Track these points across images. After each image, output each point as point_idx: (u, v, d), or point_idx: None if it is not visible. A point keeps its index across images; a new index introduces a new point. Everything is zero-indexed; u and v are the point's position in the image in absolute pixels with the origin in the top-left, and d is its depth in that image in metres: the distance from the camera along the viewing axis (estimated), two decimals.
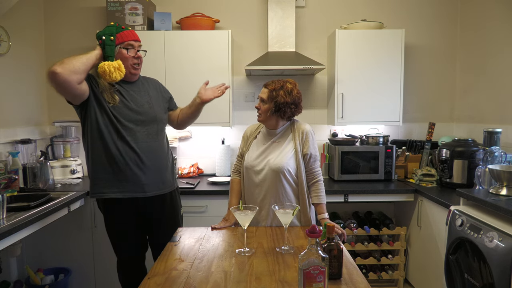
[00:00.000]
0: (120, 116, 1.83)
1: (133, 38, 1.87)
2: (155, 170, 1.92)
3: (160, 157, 1.96)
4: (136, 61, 1.88)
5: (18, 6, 2.69)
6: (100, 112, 1.81)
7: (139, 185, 1.87)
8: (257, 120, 1.89)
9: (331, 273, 1.24)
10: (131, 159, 1.83)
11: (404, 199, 2.70)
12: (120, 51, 1.83)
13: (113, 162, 1.82)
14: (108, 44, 1.80)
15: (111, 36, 1.81)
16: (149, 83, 2.04)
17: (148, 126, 1.90)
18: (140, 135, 1.87)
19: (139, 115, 1.88)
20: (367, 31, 2.87)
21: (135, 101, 1.89)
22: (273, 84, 1.81)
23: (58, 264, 2.67)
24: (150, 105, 1.93)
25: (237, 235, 1.72)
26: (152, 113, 1.93)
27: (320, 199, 1.81)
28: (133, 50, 1.86)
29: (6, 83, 2.60)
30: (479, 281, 1.75)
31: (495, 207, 1.77)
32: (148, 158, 1.88)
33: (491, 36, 2.78)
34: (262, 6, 3.12)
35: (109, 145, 1.82)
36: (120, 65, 1.78)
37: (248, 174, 1.87)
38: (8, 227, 1.75)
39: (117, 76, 1.77)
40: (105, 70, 1.74)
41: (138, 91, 1.93)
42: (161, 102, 2.03)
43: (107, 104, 1.81)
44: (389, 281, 2.83)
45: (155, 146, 1.93)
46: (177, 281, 1.25)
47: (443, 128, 3.22)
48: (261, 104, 1.84)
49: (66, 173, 2.88)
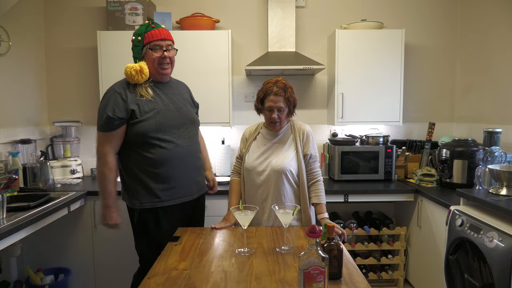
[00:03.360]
0: (163, 120, 1.78)
1: (160, 37, 1.79)
2: (197, 171, 1.92)
3: (200, 158, 1.96)
4: (162, 61, 1.81)
5: (18, 6, 2.69)
6: (137, 122, 1.74)
7: (187, 189, 1.85)
8: (275, 129, 1.85)
9: (331, 273, 1.24)
10: (177, 164, 1.80)
11: (404, 199, 2.70)
12: (147, 51, 1.79)
13: (159, 168, 1.77)
14: (135, 45, 1.80)
15: (139, 36, 1.79)
16: (181, 85, 2.02)
17: (189, 128, 1.88)
18: (182, 138, 1.84)
19: (179, 118, 1.84)
20: (367, 31, 2.87)
21: (174, 103, 1.86)
22: (280, 90, 1.77)
23: (58, 264, 2.67)
24: (186, 107, 1.92)
25: (237, 235, 1.71)
26: (190, 115, 1.91)
27: (320, 199, 1.81)
28: (160, 50, 1.79)
29: (6, 83, 2.60)
30: (479, 281, 1.75)
31: (495, 207, 1.77)
32: (192, 160, 1.87)
33: (491, 36, 2.78)
34: (262, 6, 3.12)
35: (152, 151, 1.76)
36: (142, 67, 1.74)
37: (249, 175, 1.86)
38: (8, 227, 1.75)
39: (139, 78, 1.75)
40: (127, 73, 1.74)
41: (174, 94, 1.90)
42: (192, 105, 2.02)
43: (145, 110, 1.75)
44: (389, 281, 2.83)
45: (197, 148, 1.93)
46: (177, 281, 1.25)
47: (443, 128, 3.22)
48: (279, 113, 1.78)
49: (66, 173, 2.88)
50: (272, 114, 1.78)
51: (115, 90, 1.76)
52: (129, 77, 1.75)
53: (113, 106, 1.72)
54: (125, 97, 1.74)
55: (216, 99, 2.83)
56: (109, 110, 1.71)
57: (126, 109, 1.73)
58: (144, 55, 1.81)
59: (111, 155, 1.76)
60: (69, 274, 2.62)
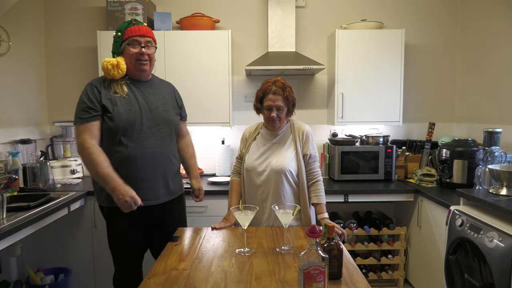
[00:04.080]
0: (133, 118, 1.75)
1: (138, 33, 1.76)
2: (167, 174, 1.85)
3: (172, 162, 1.88)
4: (140, 58, 1.77)
5: (18, 6, 2.69)
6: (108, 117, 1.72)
7: (151, 192, 1.79)
8: (274, 129, 1.85)
9: (331, 273, 1.24)
10: (143, 163, 1.75)
11: (404, 199, 2.70)
12: (125, 47, 1.77)
13: (124, 167, 1.73)
14: (115, 40, 1.79)
15: (119, 32, 1.78)
16: (165, 86, 1.97)
17: (162, 129, 1.83)
18: (152, 138, 1.79)
19: (151, 118, 1.80)
20: (367, 31, 2.87)
21: (149, 102, 1.82)
22: (279, 89, 1.77)
23: (58, 264, 2.67)
24: (164, 108, 1.87)
25: (237, 235, 1.72)
26: (166, 115, 1.86)
27: (320, 199, 1.81)
28: (138, 46, 1.76)
29: (6, 83, 2.60)
30: (479, 281, 1.75)
31: (495, 207, 1.77)
32: (161, 162, 1.81)
33: (491, 36, 2.78)
34: (262, 6, 3.12)
35: (119, 149, 1.73)
36: (119, 62, 1.73)
37: (249, 175, 1.87)
38: (8, 227, 1.75)
39: (115, 73, 1.73)
40: (103, 67, 1.73)
41: (152, 93, 1.86)
42: (175, 107, 1.97)
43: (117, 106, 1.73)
44: (389, 281, 2.83)
45: (169, 150, 1.86)
46: (177, 281, 1.25)
47: (443, 128, 3.22)
48: (278, 112, 1.79)
49: (66, 173, 2.88)
50: (271, 113, 1.78)
51: (92, 84, 1.78)
52: (105, 71, 1.74)
53: (88, 98, 1.72)
54: (100, 91, 1.74)
55: (216, 99, 2.83)
56: (85, 100, 1.72)
57: (99, 103, 1.73)
58: (122, 51, 1.79)
59: (92, 140, 1.68)
60: (69, 274, 2.62)
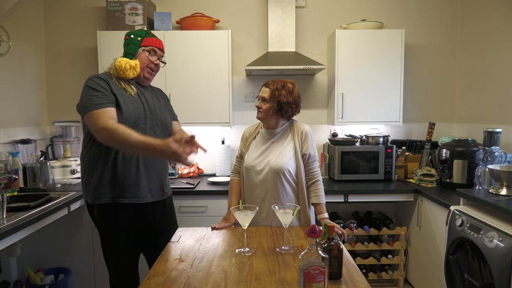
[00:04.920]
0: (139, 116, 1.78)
1: (159, 46, 1.89)
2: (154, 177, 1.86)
3: (161, 168, 1.91)
4: (153, 67, 1.88)
5: (18, 6, 2.69)
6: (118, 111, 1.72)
7: (148, 190, 1.82)
8: (257, 117, 1.88)
9: (331, 273, 1.24)
10: (142, 161, 1.79)
11: (404, 199, 2.70)
12: (141, 52, 1.84)
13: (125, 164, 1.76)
14: (134, 43, 1.83)
15: (139, 37, 1.84)
16: (158, 91, 2.05)
17: (157, 132, 1.85)
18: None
19: (150, 120, 1.84)
20: (367, 31, 2.87)
21: (151, 104, 1.87)
22: (274, 84, 1.83)
23: (58, 264, 2.67)
24: (161, 110, 1.93)
25: (237, 235, 1.71)
26: (164, 118, 1.91)
27: (320, 199, 1.81)
28: (155, 56, 1.88)
29: (6, 83, 2.60)
30: (479, 281, 1.76)
31: (495, 207, 1.77)
32: (150, 165, 1.83)
33: (491, 36, 2.78)
34: (262, 6, 3.12)
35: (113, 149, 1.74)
36: (137, 65, 1.80)
37: (248, 174, 1.87)
38: (8, 227, 1.75)
39: (130, 74, 1.78)
40: (121, 66, 1.75)
41: (151, 97, 1.93)
42: (168, 111, 2.03)
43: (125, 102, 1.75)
44: (389, 281, 2.83)
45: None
46: (177, 281, 1.25)
47: (443, 128, 3.22)
48: (262, 103, 1.84)
49: (66, 173, 2.87)
50: (258, 103, 1.86)
51: (99, 76, 1.76)
52: (121, 70, 1.76)
53: (100, 86, 1.70)
54: (108, 84, 1.75)
55: (216, 99, 2.84)
56: (97, 88, 1.69)
57: (111, 92, 1.72)
58: (137, 55, 1.84)
59: (112, 120, 1.63)
60: (69, 274, 2.62)
